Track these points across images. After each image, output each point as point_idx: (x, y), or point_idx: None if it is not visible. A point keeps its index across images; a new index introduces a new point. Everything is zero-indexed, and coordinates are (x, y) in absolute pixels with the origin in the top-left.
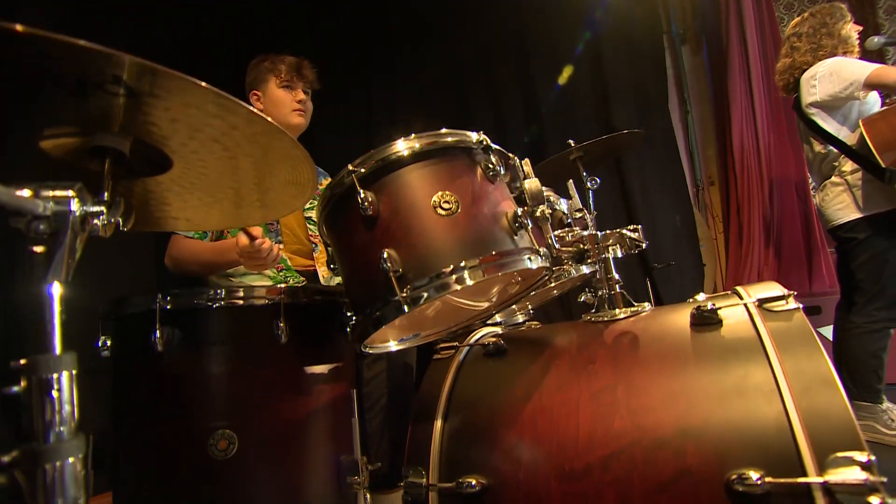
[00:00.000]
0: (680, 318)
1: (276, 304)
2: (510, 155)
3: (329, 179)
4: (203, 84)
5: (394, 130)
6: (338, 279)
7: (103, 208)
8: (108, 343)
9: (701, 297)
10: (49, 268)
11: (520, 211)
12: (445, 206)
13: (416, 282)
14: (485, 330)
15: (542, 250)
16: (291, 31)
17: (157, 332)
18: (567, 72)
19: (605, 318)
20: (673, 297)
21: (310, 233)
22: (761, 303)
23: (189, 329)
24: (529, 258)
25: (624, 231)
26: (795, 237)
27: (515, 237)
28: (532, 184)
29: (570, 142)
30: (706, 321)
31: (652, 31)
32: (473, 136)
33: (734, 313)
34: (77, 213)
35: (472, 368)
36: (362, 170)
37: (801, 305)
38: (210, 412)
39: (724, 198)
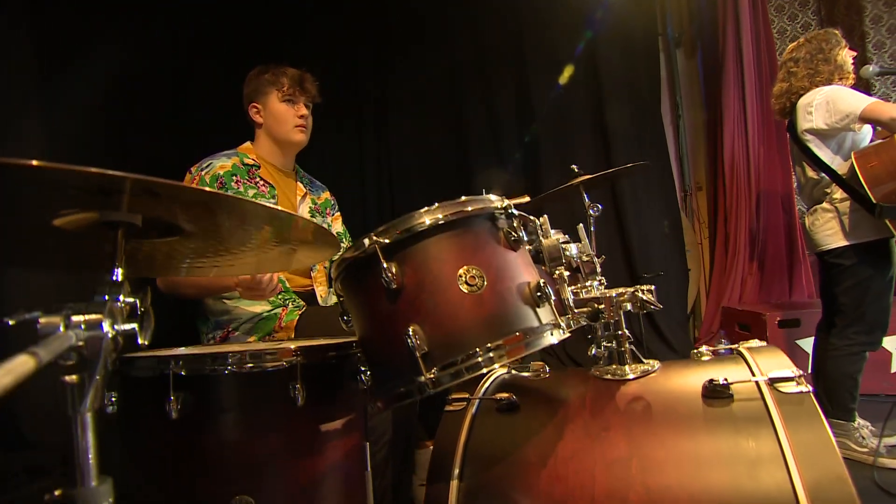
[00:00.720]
0: (691, 386)
1: (292, 366)
2: (531, 218)
3: (327, 193)
4: (226, 195)
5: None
6: (334, 300)
7: (135, 325)
8: (114, 399)
9: (704, 349)
10: (84, 397)
11: (542, 282)
12: (471, 282)
13: (442, 363)
14: (495, 374)
15: (564, 321)
16: (284, 29)
17: (172, 398)
18: (568, 71)
19: (617, 377)
20: (657, 301)
21: None
22: (773, 382)
23: (203, 395)
24: (552, 332)
25: (638, 291)
26: (779, 248)
27: (538, 310)
28: (551, 246)
29: (574, 167)
30: (718, 395)
31: (648, 32)
32: (496, 202)
33: (745, 389)
34: (110, 336)
35: (485, 424)
36: (386, 240)
37: (811, 389)
38: (227, 479)
39: (711, 204)
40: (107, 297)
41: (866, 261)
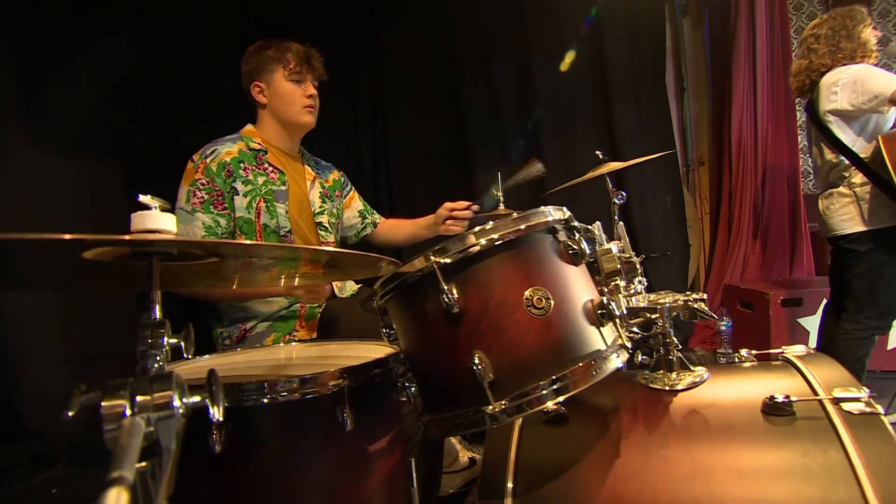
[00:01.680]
0: (748, 400)
1: (339, 389)
2: (590, 228)
3: (336, 172)
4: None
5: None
6: (351, 289)
7: (205, 399)
8: None
9: (745, 352)
10: (157, 487)
11: (605, 299)
12: (538, 304)
13: (512, 393)
14: None
15: (628, 341)
16: (272, 4)
17: (214, 432)
18: (569, 57)
19: (666, 386)
20: (658, 280)
21: (322, 240)
22: (837, 401)
23: (247, 426)
24: (617, 354)
25: (690, 300)
26: (782, 226)
27: (602, 330)
28: (607, 255)
29: (599, 153)
30: (780, 412)
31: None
32: (556, 213)
33: (808, 407)
34: (181, 412)
35: (534, 436)
36: (446, 260)
37: (884, 410)
38: None
39: (714, 179)
40: (150, 340)
41: (882, 247)
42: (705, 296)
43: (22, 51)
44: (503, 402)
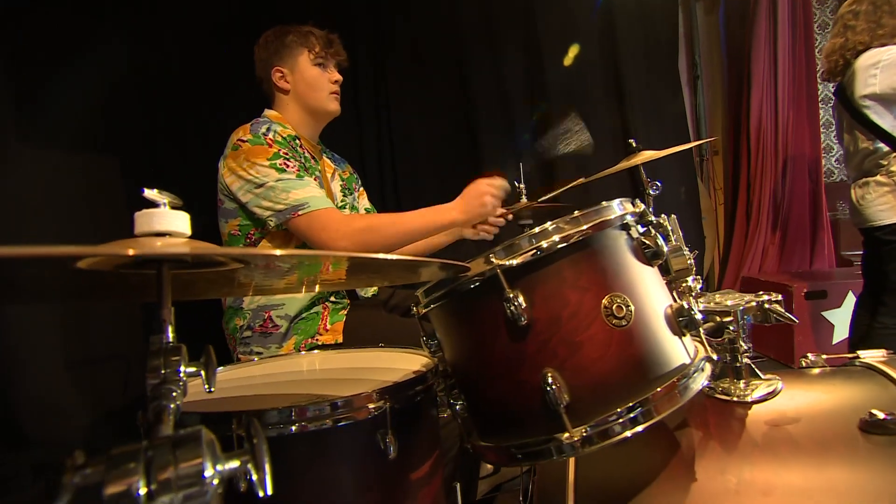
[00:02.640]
0: (839, 416)
1: (381, 412)
2: (663, 220)
3: (349, 167)
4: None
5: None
6: (373, 289)
7: (246, 462)
8: None
9: (812, 356)
10: None
11: (685, 304)
12: (618, 313)
13: (591, 419)
14: None
15: (713, 352)
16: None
17: None
18: (574, 51)
19: (738, 397)
20: None
21: None
22: None
23: (275, 459)
24: (703, 367)
25: (764, 301)
26: (803, 217)
27: (684, 341)
28: (678, 252)
29: (632, 142)
30: (882, 430)
31: None
32: (628, 206)
33: None
34: (215, 484)
35: (593, 455)
36: (512, 262)
37: None
38: None
39: (728, 169)
40: (164, 371)
41: None
42: (779, 297)
43: (20, 48)
44: (584, 430)
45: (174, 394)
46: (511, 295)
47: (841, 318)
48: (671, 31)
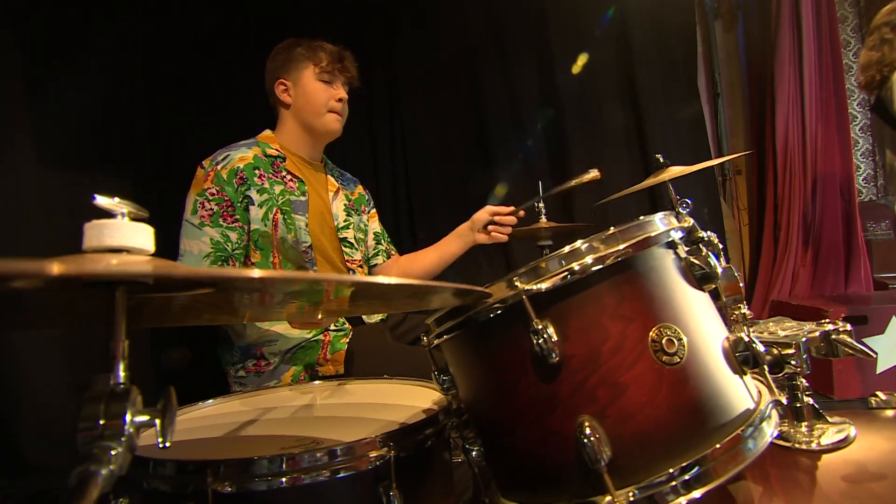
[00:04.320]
0: None
1: (385, 462)
2: (711, 237)
3: (360, 188)
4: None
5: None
6: (379, 315)
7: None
8: None
9: (882, 395)
10: None
11: (744, 335)
12: (668, 348)
13: (638, 481)
14: None
15: (781, 395)
16: (284, 11)
17: None
18: (582, 60)
19: (799, 444)
20: None
21: (346, 258)
22: None
23: None
24: (770, 414)
25: (831, 331)
26: (836, 238)
27: (745, 381)
28: (730, 274)
29: (659, 156)
30: None
31: (683, 2)
32: (673, 221)
33: None
34: None
35: None
36: (541, 287)
37: None
38: None
39: (754, 189)
40: (101, 422)
41: None
42: (849, 326)
43: (25, 52)
44: (630, 493)
45: (112, 453)
46: (539, 326)
47: (885, 346)
48: (689, 49)
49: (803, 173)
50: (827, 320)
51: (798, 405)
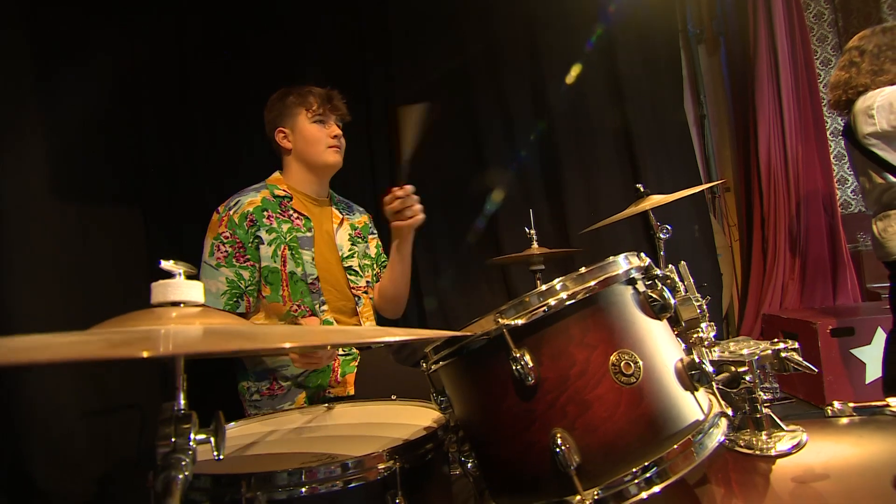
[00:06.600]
0: (867, 468)
1: (391, 473)
2: (669, 271)
3: (366, 217)
4: None
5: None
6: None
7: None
8: None
9: (837, 405)
10: None
11: (695, 357)
12: (626, 370)
13: (603, 481)
14: None
15: (727, 407)
16: (278, 23)
17: None
18: (576, 70)
19: (758, 450)
20: None
21: (352, 285)
22: None
23: None
24: (718, 423)
25: (780, 349)
26: (821, 251)
27: (697, 396)
28: (687, 303)
29: (640, 186)
30: None
31: (667, 28)
32: (634, 261)
33: None
34: None
35: None
36: (518, 322)
37: None
38: None
39: (742, 206)
40: (174, 440)
41: None
42: (796, 344)
43: (33, 87)
44: (595, 492)
45: (184, 463)
46: (517, 354)
47: (872, 356)
48: (675, 73)
49: (787, 190)
50: (777, 339)
51: (758, 416)
